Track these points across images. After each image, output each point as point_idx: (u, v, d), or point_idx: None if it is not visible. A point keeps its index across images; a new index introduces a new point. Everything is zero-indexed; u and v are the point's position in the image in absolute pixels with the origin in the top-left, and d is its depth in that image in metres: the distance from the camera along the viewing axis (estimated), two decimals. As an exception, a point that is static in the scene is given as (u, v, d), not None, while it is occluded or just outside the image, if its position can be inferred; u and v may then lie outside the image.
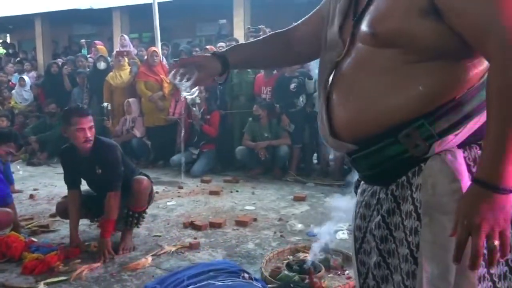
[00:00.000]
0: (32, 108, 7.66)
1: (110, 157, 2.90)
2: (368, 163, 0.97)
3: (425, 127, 0.87)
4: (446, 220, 0.85)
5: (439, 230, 0.87)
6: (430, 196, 0.88)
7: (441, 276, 0.87)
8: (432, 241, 0.88)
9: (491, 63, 0.80)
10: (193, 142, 5.79)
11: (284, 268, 2.49)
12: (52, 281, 2.44)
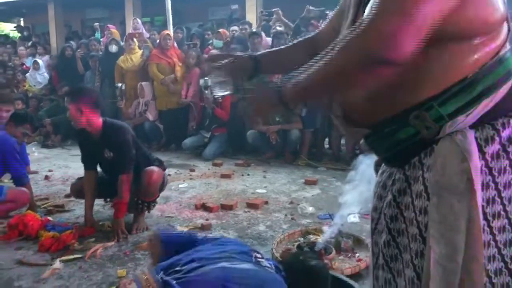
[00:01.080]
0: (46, 91, 7.74)
1: (119, 139, 2.90)
2: (383, 146, 0.99)
3: (435, 109, 0.87)
4: (454, 201, 0.86)
5: (447, 210, 0.87)
6: (440, 176, 0.88)
7: (448, 256, 0.87)
8: (439, 221, 0.88)
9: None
10: (204, 125, 5.81)
11: (294, 249, 2.51)
12: (67, 258, 2.50)
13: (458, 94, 0.87)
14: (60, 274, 2.33)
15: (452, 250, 0.86)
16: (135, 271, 2.34)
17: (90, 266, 2.43)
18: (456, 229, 0.85)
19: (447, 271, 0.87)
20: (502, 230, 0.88)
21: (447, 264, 0.87)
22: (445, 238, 0.87)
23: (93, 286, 2.20)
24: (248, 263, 1.55)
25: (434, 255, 0.88)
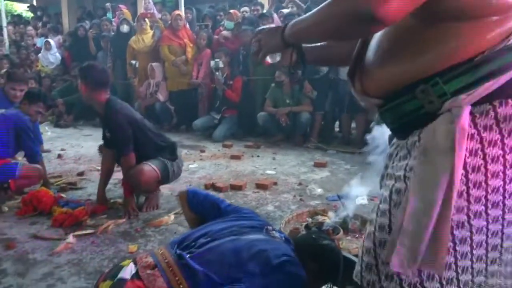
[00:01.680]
0: (58, 71, 7.80)
1: (112, 121, 2.88)
2: (391, 117, 1.03)
3: (439, 85, 0.90)
4: (438, 158, 0.88)
5: (429, 167, 0.89)
6: (430, 138, 0.91)
7: (423, 210, 0.89)
8: (421, 177, 0.90)
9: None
10: (215, 107, 5.83)
11: (302, 229, 2.54)
12: (80, 233, 2.56)
13: (463, 74, 0.89)
14: (73, 248, 2.39)
15: (428, 205, 0.88)
16: (146, 247, 2.39)
17: (102, 241, 2.49)
18: (434, 185, 0.87)
19: (419, 226, 0.89)
20: (477, 200, 0.90)
21: (421, 218, 0.88)
22: (423, 192, 0.89)
23: (105, 260, 2.26)
24: (258, 234, 1.58)
25: (410, 209, 0.90)
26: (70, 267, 2.18)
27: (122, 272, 1.41)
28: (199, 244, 1.50)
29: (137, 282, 1.36)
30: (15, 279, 2.06)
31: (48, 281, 2.04)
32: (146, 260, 1.45)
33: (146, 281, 1.36)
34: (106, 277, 1.43)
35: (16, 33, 9.63)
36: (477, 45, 0.88)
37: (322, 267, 1.57)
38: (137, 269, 1.41)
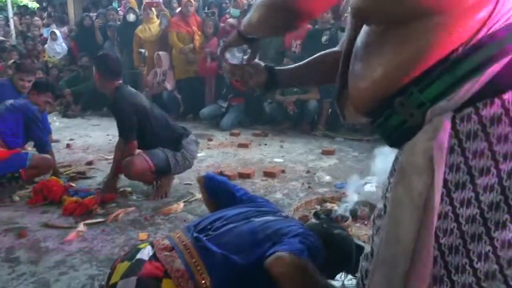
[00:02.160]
0: (65, 62, 7.80)
1: (118, 108, 2.99)
2: (382, 134, 0.95)
3: (415, 95, 0.82)
4: (414, 178, 0.80)
5: (404, 189, 0.82)
6: (408, 155, 0.83)
7: (397, 238, 0.81)
8: (395, 200, 0.83)
9: None
10: (221, 94, 5.82)
11: (311, 217, 2.54)
12: (90, 222, 2.58)
13: (438, 77, 0.79)
14: (84, 237, 2.41)
15: (403, 231, 0.80)
16: (156, 235, 2.41)
17: (112, 230, 2.51)
18: (409, 209, 0.80)
19: (393, 256, 0.82)
20: (472, 220, 0.78)
21: (398, 247, 0.81)
22: (397, 217, 0.82)
23: (116, 248, 2.28)
24: (271, 216, 1.60)
25: (387, 236, 0.83)
26: (82, 255, 2.21)
27: (140, 254, 1.42)
28: (215, 227, 1.50)
29: (155, 263, 1.37)
30: (28, 267, 2.09)
31: (60, 269, 2.07)
32: (163, 243, 1.46)
33: (164, 262, 1.37)
34: (123, 258, 1.44)
35: (22, 23, 9.64)
36: (447, 42, 0.79)
37: (334, 256, 1.57)
38: (154, 251, 1.42)
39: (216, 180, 1.91)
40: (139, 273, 1.33)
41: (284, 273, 1.28)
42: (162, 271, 1.34)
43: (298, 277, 1.28)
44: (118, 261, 1.45)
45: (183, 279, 1.33)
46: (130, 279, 1.32)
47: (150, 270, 1.34)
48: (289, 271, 1.28)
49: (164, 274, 1.34)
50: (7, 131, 3.09)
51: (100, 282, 1.92)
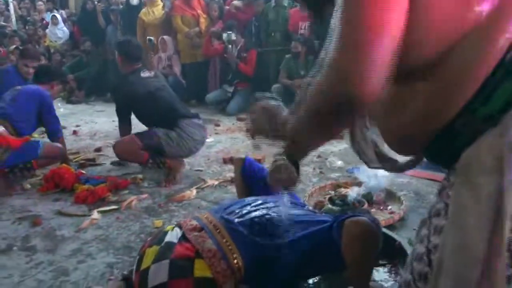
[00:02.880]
0: (67, 46, 7.72)
1: (118, 91, 3.32)
2: (444, 159, 0.86)
3: (479, 110, 0.75)
4: (482, 181, 0.73)
5: (469, 191, 0.75)
6: (472, 154, 0.76)
7: (464, 245, 0.74)
8: (459, 203, 0.76)
9: None
10: (227, 79, 5.75)
11: (327, 202, 2.52)
12: (104, 209, 2.57)
13: (501, 83, 0.73)
14: (99, 224, 2.40)
15: (474, 239, 0.73)
16: (171, 222, 2.40)
17: (126, 217, 2.50)
18: (480, 215, 0.73)
19: (465, 264, 0.74)
20: None
21: (466, 256, 0.74)
22: (467, 224, 0.74)
23: (132, 235, 2.26)
24: (300, 210, 1.58)
25: (451, 244, 0.76)
26: (98, 243, 2.20)
27: (168, 237, 1.40)
28: (245, 212, 1.48)
29: (185, 244, 1.34)
30: (45, 256, 2.07)
31: (78, 257, 2.06)
32: (191, 223, 1.43)
33: (194, 242, 1.34)
34: (152, 243, 1.41)
35: (21, 8, 9.50)
36: (503, 41, 0.73)
37: None
38: (182, 232, 1.39)
39: (256, 165, 1.88)
40: (170, 256, 1.31)
41: (361, 235, 1.28)
42: (194, 252, 1.32)
43: (371, 242, 1.29)
44: (146, 246, 1.42)
45: (215, 259, 1.31)
46: (163, 262, 1.30)
47: (182, 252, 1.32)
48: (366, 234, 1.29)
49: (196, 255, 1.31)
50: (20, 117, 3.05)
51: (120, 270, 1.91)
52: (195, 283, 1.27)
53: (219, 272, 1.29)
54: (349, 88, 0.74)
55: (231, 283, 1.32)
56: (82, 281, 1.85)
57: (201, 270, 1.29)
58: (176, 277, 1.27)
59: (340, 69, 0.75)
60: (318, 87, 0.82)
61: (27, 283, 1.85)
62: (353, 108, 0.77)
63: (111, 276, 1.88)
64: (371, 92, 0.74)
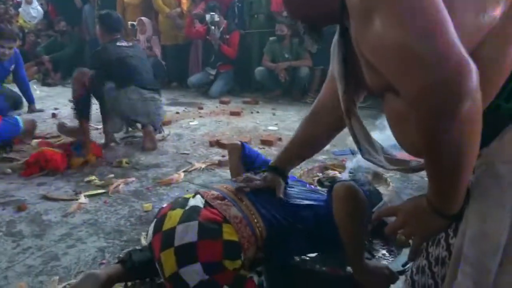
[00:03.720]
0: (42, 26, 7.44)
1: (94, 54, 3.50)
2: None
3: (504, 106, 0.76)
4: (505, 170, 0.75)
5: (493, 180, 0.76)
6: (496, 144, 0.78)
7: (487, 234, 0.76)
8: (482, 192, 0.77)
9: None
10: (210, 62, 5.68)
11: (315, 184, 2.54)
12: (91, 193, 2.52)
13: None
14: (87, 209, 2.35)
15: (494, 227, 0.74)
16: (161, 204, 2.37)
17: (114, 201, 2.46)
18: (499, 201, 0.74)
19: (483, 254, 0.75)
20: None
21: (485, 244, 0.75)
22: (485, 210, 0.76)
23: (121, 219, 2.23)
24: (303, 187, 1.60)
25: (471, 231, 0.77)
26: (87, 227, 2.16)
27: (192, 201, 1.38)
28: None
29: (211, 209, 1.34)
30: (33, 241, 2.02)
31: (67, 242, 2.02)
32: (213, 193, 1.42)
33: (220, 209, 1.34)
34: (174, 207, 1.39)
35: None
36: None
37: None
38: (205, 200, 1.39)
39: (254, 151, 1.87)
40: (198, 218, 1.30)
41: (346, 195, 1.30)
42: (221, 217, 1.32)
43: (356, 203, 1.30)
44: (166, 210, 1.39)
45: (241, 224, 1.32)
46: (191, 223, 1.28)
47: (209, 215, 1.31)
48: (351, 194, 1.31)
49: (223, 219, 1.32)
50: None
51: (111, 254, 1.89)
52: (224, 246, 1.27)
53: (245, 238, 1.31)
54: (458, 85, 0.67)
55: (253, 249, 1.34)
56: (73, 266, 1.82)
57: (229, 234, 1.29)
58: (206, 238, 1.27)
59: (441, 81, 0.66)
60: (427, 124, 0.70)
61: (16, 268, 1.80)
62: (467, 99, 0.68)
63: (103, 260, 1.86)
64: (474, 81, 0.67)
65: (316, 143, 1.44)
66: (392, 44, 0.68)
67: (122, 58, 3.27)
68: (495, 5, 0.74)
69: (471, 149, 0.70)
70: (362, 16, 0.72)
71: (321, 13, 0.94)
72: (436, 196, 0.79)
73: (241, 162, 1.79)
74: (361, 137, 1.03)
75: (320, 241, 1.44)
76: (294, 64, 5.13)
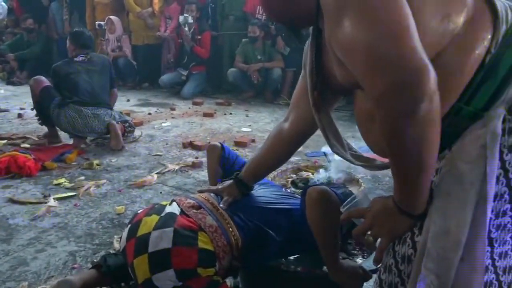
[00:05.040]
0: (8, 23, 7.18)
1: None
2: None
3: (464, 109, 0.80)
4: (466, 169, 0.78)
5: (454, 179, 0.79)
6: (458, 145, 0.81)
7: (450, 230, 0.78)
8: (444, 191, 0.80)
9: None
10: (182, 63, 5.63)
11: (289, 185, 2.57)
12: (61, 196, 2.45)
13: (483, 84, 0.79)
14: (56, 212, 2.29)
15: (456, 224, 0.77)
16: (134, 208, 2.34)
17: (85, 204, 2.40)
18: (463, 201, 0.77)
19: (445, 250, 0.78)
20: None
21: (448, 240, 0.78)
22: (450, 210, 0.79)
23: (93, 222, 2.19)
24: (279, 191, 1.61)
25: (435, 228, 0.79)
26: (57, 231, 2.10)
27: (169, 208, 1.37)
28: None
29: (187, 218, 1.33)
30: (0, 245, 1.96)
31: (36, 246, 1.96)
32: (189, 202, 1.42)
33: (194, 218, 1.33)
34: (149, 213, 1.38)
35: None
36: (482, 49, 0.79)
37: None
38: (181, 208, 1.38)
39: (234, 153, 1.85)
40: (174, 225, 1.29)
41: (319, 198, 1.30)
42: (196, 225, 1.32)
43: (329, 205, 1.31)
44: (142, 215, 1.38)
45: (217, 233, 1.32)
46: (167, 229, 1.28)
47: (185, 223, 1.30)
48: (323, 197, 1.31)
49: (199, 228, 1.31)
50: None
51: (83, 258, 1.85)
52: (199, 254, 1.26)
53: (220, 247, 1.31)
54: (417, 81, 0.69)
55: (228, 258, 1.34)
56: (43, 271, 1.77)
57: (204, 243, 1.29)
58: (181, 244, 1.26)
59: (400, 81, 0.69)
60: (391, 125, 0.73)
61: (-19, 275, 1.74)
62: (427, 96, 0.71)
63: (74, 264, 1.82)
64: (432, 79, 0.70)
65: (280, 160, 1.48)
66: (359, 44, 0.71)
67: (67, 75, 3.36)
68: (458, 13, 0.79)
69: (431, 149, 0.74)
70: (334, 16, 0.76)
71: (299, 15, 0.97)
72: (401, 196, 0.82)
73: (220, 164, 1.78)
74: (330, 131, 1.07)
75: (296, 244, 1.46)
76: (266, 65, 5.16)
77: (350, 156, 1.09)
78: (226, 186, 1.52)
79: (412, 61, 0.68)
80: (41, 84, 3.39)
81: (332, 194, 1.35)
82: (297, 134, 1.34)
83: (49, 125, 3.49)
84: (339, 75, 0.90)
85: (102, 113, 3.39)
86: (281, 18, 1.04)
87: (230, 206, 1.44)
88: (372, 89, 0.71)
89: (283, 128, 1.38)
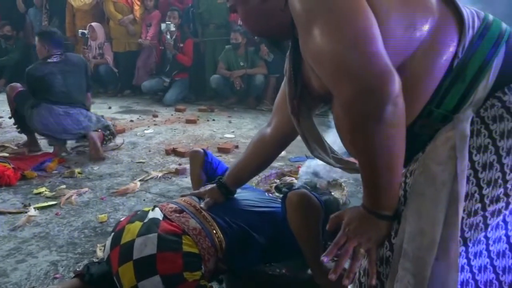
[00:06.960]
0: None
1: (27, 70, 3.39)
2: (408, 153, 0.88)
3: (435, 112, 0.84)
4: (438, 170, 0.81)
5: (427, 180, 0.82)
6: (430, 147, 0.84)
7: (425, 231, 0.80)
8: (417, 192, 0.83)
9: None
10: (165, 71, 5.61)
11: (273, 190, 2.58)
12: (42, 205, 2.41)
13: (451, 87, 0.82)
14: (37, 221, 2.25)
15: (430, 224, 0.80)
16: (116, 216, 2.31)
17: (67, 212, 2.37)
18: (436, 201, 0.80)
19: (422, 247, 0.80)
20: (496, 200, 0.82)
21: (422, 240, 0.80)
22: (423, 210, 0.81)
23: (75, 231, 2.15)
24: (262, 195, 1.62)
25: (410, 229, 0.82)
26: (38, 240, 2.06)
27: (151, 214, 1.37)
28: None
29: (170, 222, 1.33)
30: (-22, 257, 1.91)
31: (16, 257, 1.92)
32: (171, 206, 1.42)
33: (178, 222, 1.33)
34: (132, 220, 1.37)
35: None
36: (449, 54, 0.83)
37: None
38: (163, 213, 1.37)
39: (216, 159, 1.85)
40: (158, 230, 1.29)
41: (300, 202, 1.34)
42: (180, 229, 1.32)
43: (311, 210, 1.34)
44: (124, 223, 1.37)
45: (200, 236, 1.32)
46: (150, 235, 1.27)
47: (169, 228, 1.30)
48: (304, 201, 1.35)
49: (183, 231, 1.31)
50: None
51: (65, 268, 1.82)
52: (184, 258, 1.26)
53: (204, 249, 1.31)
54: (382, 83, 0.73)
55: (214, 260, 1.35)
56: (24, 282, 1.73)
57: (189, 246, 1.29)
58: (166, 250, 1.26)
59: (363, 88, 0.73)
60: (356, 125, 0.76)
61: (-40, 287, 1.69)
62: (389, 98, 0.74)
63: (56, 274, 1.79)
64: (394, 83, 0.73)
65: (263, 164, 1.51)
66: (326, 54, 0.75)
67: (42, 77, 3.25)
68: (423, 21, 0.82)
69: (397, 150, 0.77)
70: (304, 27, 0.79)
71: (277, 29, 1.01)
72: (372, 199, 0.85)
73: (203, 170, 1.78)
74: (310, 136, 1.09)
75: (280, 248, 1.47)
76: (249, 72, 5.18)
77: (331, 159, 1.11)
78: (209, 189, 1.54)
79: (375, 66, 0.72)
80: (16, 90, 3.34)
81: (312, 198, 1.37)
82: (280, 138, 1.36)
83: (28, 133, 3.43)
84: (315, 83, 0.94)
85: (75, 112, 3.29)
86: (262, 33, 1.10)
87: (213, 209, 1.44)
88: (340, 96, 0.75)
89: (265, 133, 1.40)
